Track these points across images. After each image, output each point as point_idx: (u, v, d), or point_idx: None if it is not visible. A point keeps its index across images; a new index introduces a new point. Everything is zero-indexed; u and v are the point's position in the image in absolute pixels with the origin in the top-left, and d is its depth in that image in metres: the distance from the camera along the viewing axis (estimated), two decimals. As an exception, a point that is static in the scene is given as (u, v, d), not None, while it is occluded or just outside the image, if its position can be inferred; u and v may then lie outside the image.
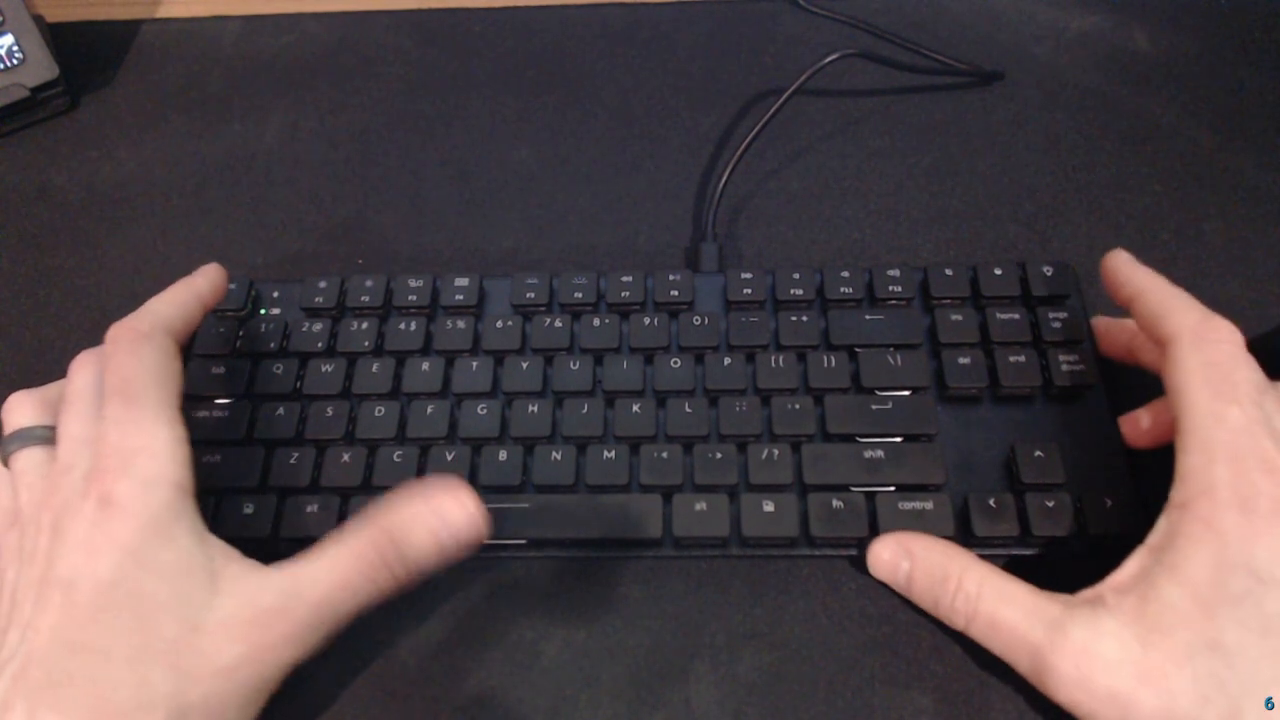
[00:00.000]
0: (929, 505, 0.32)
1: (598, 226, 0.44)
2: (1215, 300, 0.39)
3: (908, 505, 0.32)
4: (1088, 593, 0.28)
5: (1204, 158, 0.44)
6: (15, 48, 0.49)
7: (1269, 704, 0.24)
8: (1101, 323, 0.35)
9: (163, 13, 0.56)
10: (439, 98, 0.50)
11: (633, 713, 0.31)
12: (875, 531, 0.32)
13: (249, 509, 0.33)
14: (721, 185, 0.41)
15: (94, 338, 0.41)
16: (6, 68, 0.48)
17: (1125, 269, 0.32)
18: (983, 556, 0.32)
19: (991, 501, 0.32)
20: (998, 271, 0.37)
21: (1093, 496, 0.32)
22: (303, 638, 0.27)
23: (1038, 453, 0.33)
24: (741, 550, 0.33)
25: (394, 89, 0.50)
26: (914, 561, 0.30)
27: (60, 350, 0.41)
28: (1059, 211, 0.42)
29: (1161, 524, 0.27)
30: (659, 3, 0.54)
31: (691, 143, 0.47)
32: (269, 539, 0.33)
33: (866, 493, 0.33)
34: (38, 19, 0.50)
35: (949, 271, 0.37)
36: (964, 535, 0.32)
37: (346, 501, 0.33)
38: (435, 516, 0.28)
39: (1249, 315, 0.38)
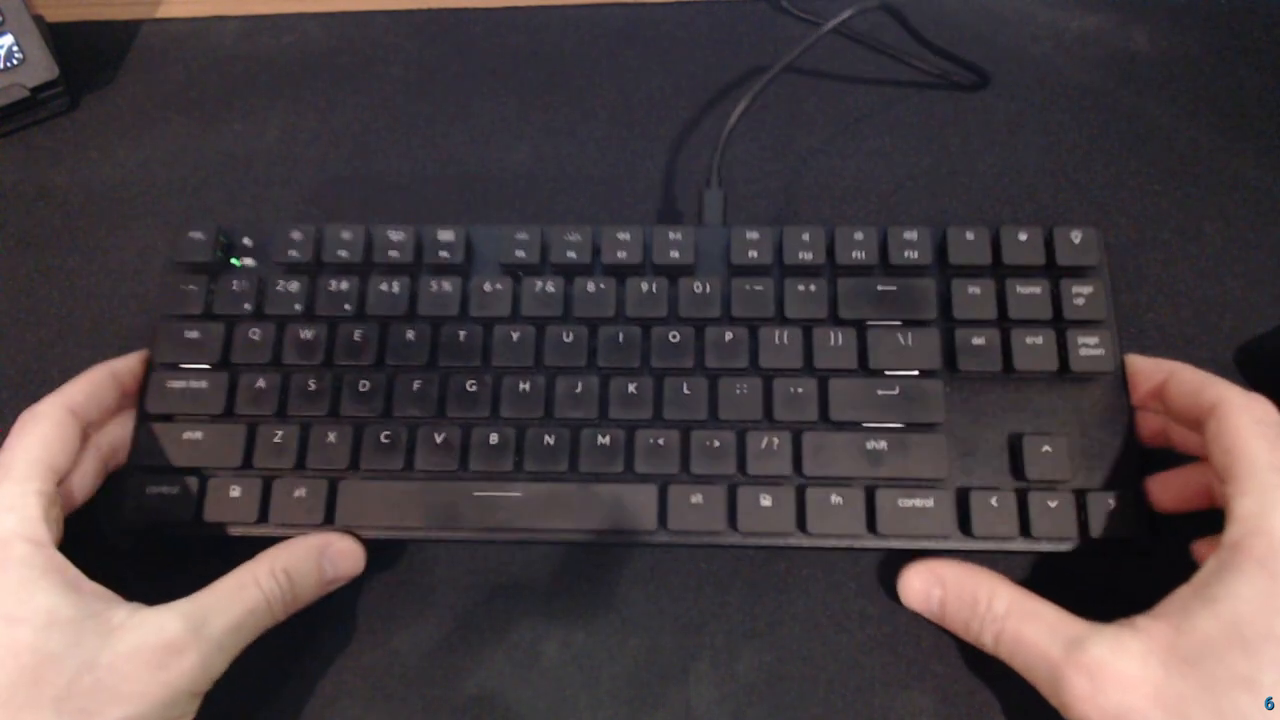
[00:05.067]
0: (929, 503, 0.31)
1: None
2: (1215, 300, 0.39)
3: (908, 503, 0.31)
4: (1121, 620, 0.27)
5: (1204, 158, 0.44)
6: (15, 48, 0.49)
7: (1269, 704, 0.24)
8: (1135, 363, 0.34)
9: (163, 13, 0.56)
10: (439, 98, 0.50)
11: (632, 713, 0.31)
12: (874, 528, 0.31)
13: (235, 492, 0.32)
14: (723, 140, 0.39)
15: (94, 338, 0.41)
16: (6, 68, 0.48)
17: (1150, 361, 0.33)
18: (981, 554, 0.32)
19: (993, 501, 0.31)
20: (1022, 236, 0.35)
21: (1098, 498, 0.31)
22: (210, 665, 0.28)
23: (1045, 448, 0.32)
24: (740, 539, 0.32)
25: (394, 89, 0.50)
26: (945, 588, 0.30)
27: (60, 350, 0.41)
28: (1059, 212, 0.42)
29: (1210, 563, 0.27)
30: (659, 3, 0.54)
31: (692, 142, 0.47)
32: (256, 523, 0.32)
33: (867, 488, 0.32)
34: (38, 19, 0.50)
35: (970, 235, 0.35)
36: (963, 532, 0.32)
37: (335, 489, 0.33)
38: (328, 562, 0.32)
39: (1249, 315, 0.38)
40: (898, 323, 0.34)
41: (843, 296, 0.34)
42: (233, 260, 0.37)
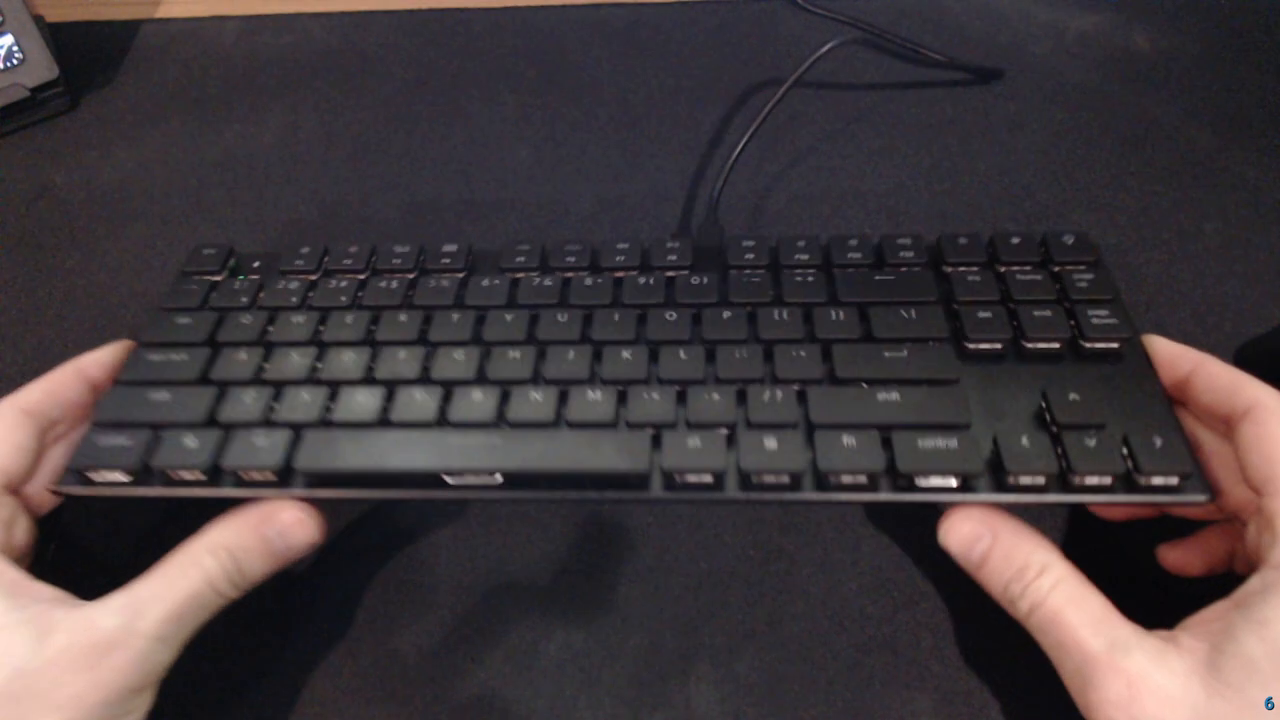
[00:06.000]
0: (953, 443, 0.29)
1: (597, 226, 0.44)
2: (1215, 300, 0.39)
3: (929, 443, 0.29)
4: (1162, 632, 0.26)
5: (1204, 158, 0.44)
6: (15, 48, 0.49)
7: (1269, 704, 0.23)
8: (1159, 348, 0.32)
9: (162, 13, 0.56)
10: (439, 98, 0.50)
11: (632, 713, 0.31)
12: (893, 470, 0.29)
13: (190, 442, 0.31)
14: (727, 169, 0.40)
15: (94, 338, 0.41)
16: (6, 68, 0.48)
17: (1175, 347, 0.31)
18: (1017, 505, 0.29)
19: (1024, 440, 0.29)
20: (1014, 240, 0.34)
21: (1140, 437, 0.28)
22: (149, 659, 0.27)
23: (1073, 395, 0.30)
24: (740, 493, 0.30)
25: (394, 89, 0.50)
26: (995, 541, 0.28)
27: (60, 350, 0.41)
28: (1059, 211, 0.42)
29: (1254, 582, 0.26)
30: (659, 3, 0.54)
31: (692, 142, 0.47)
32: (209, 471, 0.30)
33: (882, 432, 0.29)
34: (38, 19, 0.50)
35: (963, 240, 0.35)
36: (995, 476, 0.29)
37: (299, 436, 0.31)
38: (274, 533, 0.29)
39: (1249, 315, 0.38)
40: (900, 304, 0.33)
41: (841, 285, 0.34)
42: (239, 278, 0.37)
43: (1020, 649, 0.29)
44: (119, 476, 0.31)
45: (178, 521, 0.33)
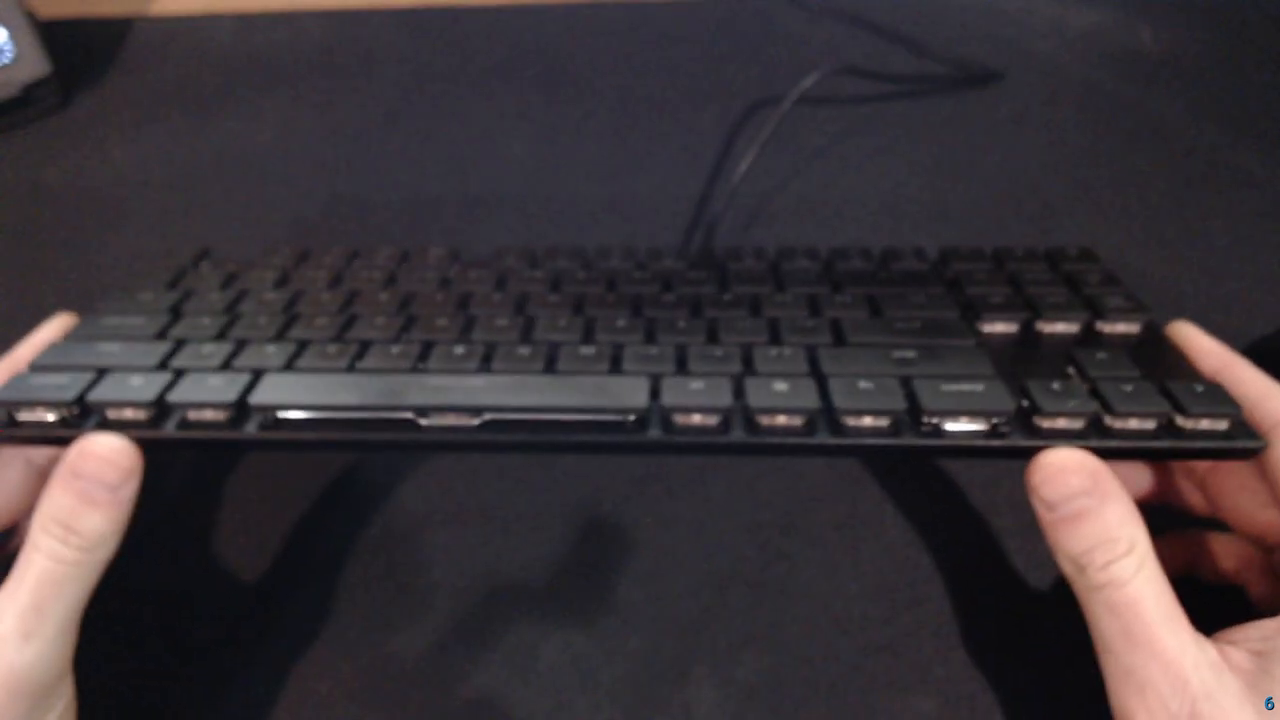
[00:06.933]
0: (979, 387, 0.27)
1: (597, 226, 0.43)
2: (1221, 299, 0.39)
3: (952, 387, 0.27)
4: (1211, 645, 0.25)
5: (1209, 155, 0.44)
6: (7, 44, 0.48)
7: (1269, 704, 0.23)
8: (1189, 337, 0.30)
9: (156, 9, 0.55)
10: (436, 96, 0.50)
11: (631, 716, 0.31)
12: (916, 410, 0.27)
13: (135, 380, 0.28)
14: (728, 195, 0.40)
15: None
16: (-2, 64, 0.48)
17: (1205, 339, 0.30)
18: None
19: (1055, 385, 0.27)
20: (1019, 252, 0.34)
21: (1180, 384, 0.27)
22: (30, 661, 0.25)
23: (1100, 354, 0.28)
24: (748, 436, 0.27)
25: (390, 87, 0.50)
26: (1101, 505, 0.26)
27: (52, 349, 0.41)
28: (1063, 210, 0.42)
29: None
30: (659, 3, 0.53)
31: (692, 142, 0.46)
32: (154, 408, 0.28)
33: (902, 379, 0.28)
34: (30, 15, 0.50)
35: (965, 250, 0.35)
36: (1026, 424, 0.27)
37: (258, 377, 0.28)
38: (85, 483, 0.27)
39: (1255, 313, 0.38)
40: (908, 290, 0.32)
41: (845, 279, 0.33)
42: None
43: (1023, 652, 0.28)
44: (49, 416, 0.28)
45: (190, 527, 0.32)
